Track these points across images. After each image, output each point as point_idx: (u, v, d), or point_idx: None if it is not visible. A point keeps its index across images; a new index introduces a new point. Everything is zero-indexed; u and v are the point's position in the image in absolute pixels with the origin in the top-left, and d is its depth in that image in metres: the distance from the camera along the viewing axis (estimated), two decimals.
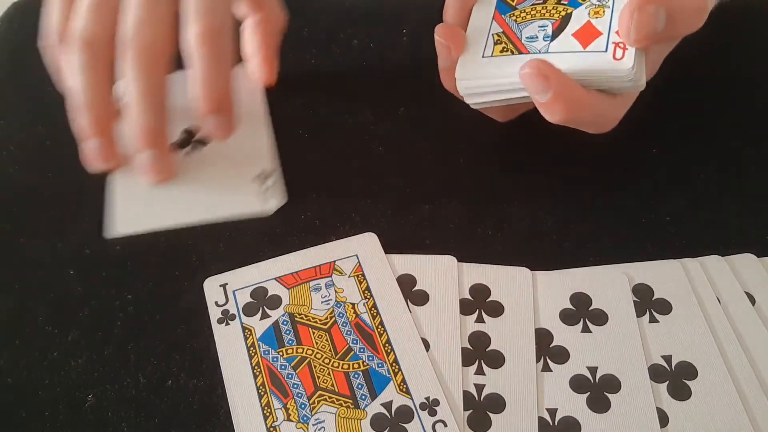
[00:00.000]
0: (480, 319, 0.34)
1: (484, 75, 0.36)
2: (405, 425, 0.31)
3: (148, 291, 0.37)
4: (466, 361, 0.33)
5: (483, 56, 0.37)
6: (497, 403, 0.31)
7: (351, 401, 0.32)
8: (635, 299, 0.34)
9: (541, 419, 0.31)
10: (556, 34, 0.36)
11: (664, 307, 0.34)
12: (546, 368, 0.33)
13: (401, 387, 0.32)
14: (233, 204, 0.40)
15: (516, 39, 0.36)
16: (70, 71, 0.38)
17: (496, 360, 0.33)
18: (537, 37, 0.36)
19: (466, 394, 0.32)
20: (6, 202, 0.41)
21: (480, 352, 0.33)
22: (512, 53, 0.36)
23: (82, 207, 0.40)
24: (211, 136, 0.39)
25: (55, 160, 0.43)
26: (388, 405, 0.32)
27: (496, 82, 0.36)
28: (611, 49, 0.34)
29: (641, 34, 0.33)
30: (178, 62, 0.38)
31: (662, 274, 0.35)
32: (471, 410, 0.31)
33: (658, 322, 0.34)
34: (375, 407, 0.32)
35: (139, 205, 0.40)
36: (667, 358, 0.33)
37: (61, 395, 0.33)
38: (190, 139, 0.43)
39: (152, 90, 0.37)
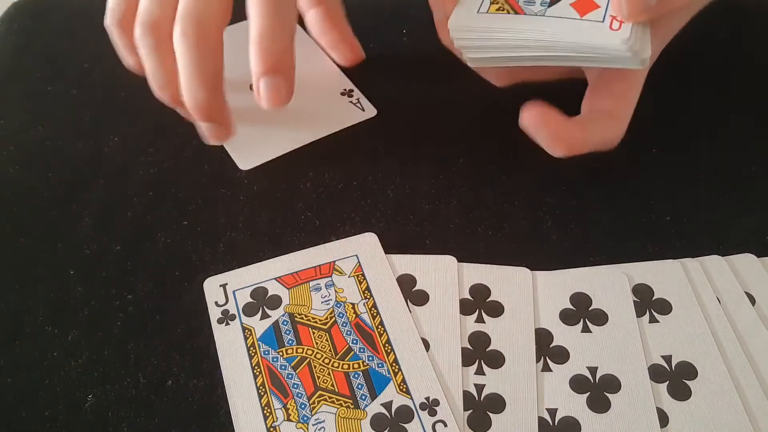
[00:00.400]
0: (480, 319, 0.34)
1: (476, 28, 0.36)
2: (405, 425, 0.31)
3: (148, 291, 0.37)
4: (466, 361, 0.33)
5: (478, 12, 0.37)
6: (497, 403, 0.31)
7: (351, 401, 0.32)
8: (635, 299, 0.34)
9: (541, 419, 0.31)
10: (554, 1, 0.36)
11: (664, 307, 0.34)
12: (546, 368, 0.33)
13: (401, 387, 0.32)
14: (336, 118, 0.43)
15: (513, 1, 0.36)
16: (142, 55, 0.38)
17: (496, 360, 0.33)
18: (534, 2, 0.36)
19: (466, 394, 0.32)
20: (6, 202, 0.41)
21: (480, 352, 0.33)
22: (508, 13, 0.36)
23: (83, 207, 0.40)
24: (265, 102, 0.36)
25: (55, 160, 0.43)
26: (388, 405, 0.32)
27: (488, 36, 0.36)
28: (608, 20, 0.34)
29: (633, 8, 0.33)
30: None
31: (662, 274, 0.35)
32: (471, 410, 0.31)
33: (658, 322, 0.34)
34: (375, 407, 0.32)
35: (255, 141, 0.43)
36: (667, 358, 0.33)
37: (61, 395, 0.33)
38: None
39: (201, 63, 0.36)
